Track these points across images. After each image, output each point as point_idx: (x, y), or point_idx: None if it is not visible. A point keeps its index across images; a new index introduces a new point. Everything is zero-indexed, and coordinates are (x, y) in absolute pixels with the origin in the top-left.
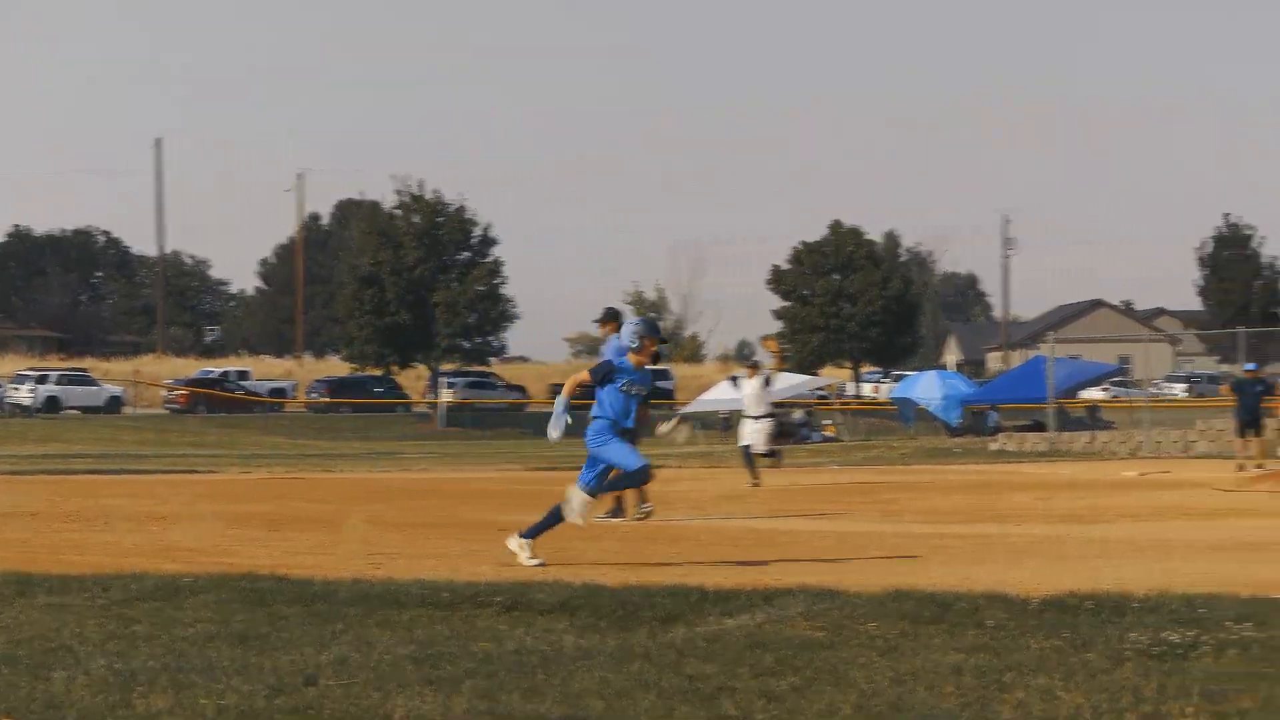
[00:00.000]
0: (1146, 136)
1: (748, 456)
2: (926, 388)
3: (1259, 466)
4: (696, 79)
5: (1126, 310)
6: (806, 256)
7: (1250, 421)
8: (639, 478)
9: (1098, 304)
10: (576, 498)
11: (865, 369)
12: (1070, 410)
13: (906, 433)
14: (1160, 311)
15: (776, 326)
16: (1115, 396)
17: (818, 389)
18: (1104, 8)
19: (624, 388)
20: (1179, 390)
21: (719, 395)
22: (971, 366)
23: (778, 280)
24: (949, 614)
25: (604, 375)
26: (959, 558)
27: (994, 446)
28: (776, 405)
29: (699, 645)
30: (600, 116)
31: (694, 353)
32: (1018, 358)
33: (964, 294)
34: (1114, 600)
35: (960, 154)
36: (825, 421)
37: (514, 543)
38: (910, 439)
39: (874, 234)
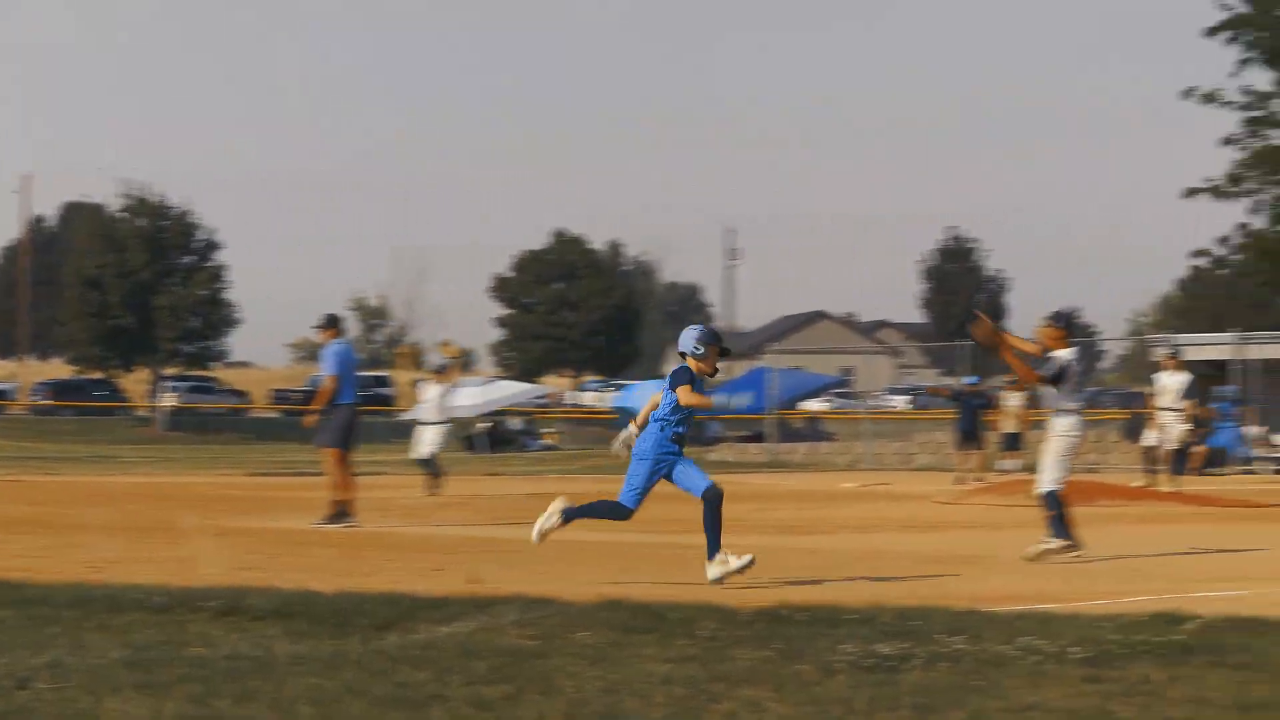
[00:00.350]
0: (871, 149)
1: (427, 463)
2: (647, 397)
3: (978, 480)
4: (415, 85)
5: (849, 322)
6: (529, 264)
7: (970, 434)
8: (618, 513)
9: (820, 315)
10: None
11: (587, 377)
12: (791, 421)
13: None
14: (882, 324)
15: (499, 334)
16: (836, 408)
17: (538, 397)
18: (811, 25)
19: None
20: (900, 402)
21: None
22: None
23: (500, 288)
24: (661, 624)
25: (691, 383)
26: (674, 567)
27: (714, 456)
28: (496, 414)
29: (411, 653)
30: (324, 122)
31: (416, 360)
32: (740, 368)
33: (687, 304)
34: (827, 612)
35: (686, 164)
36: (546, 430)
37: (714, 570)
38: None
39: (597, 243)
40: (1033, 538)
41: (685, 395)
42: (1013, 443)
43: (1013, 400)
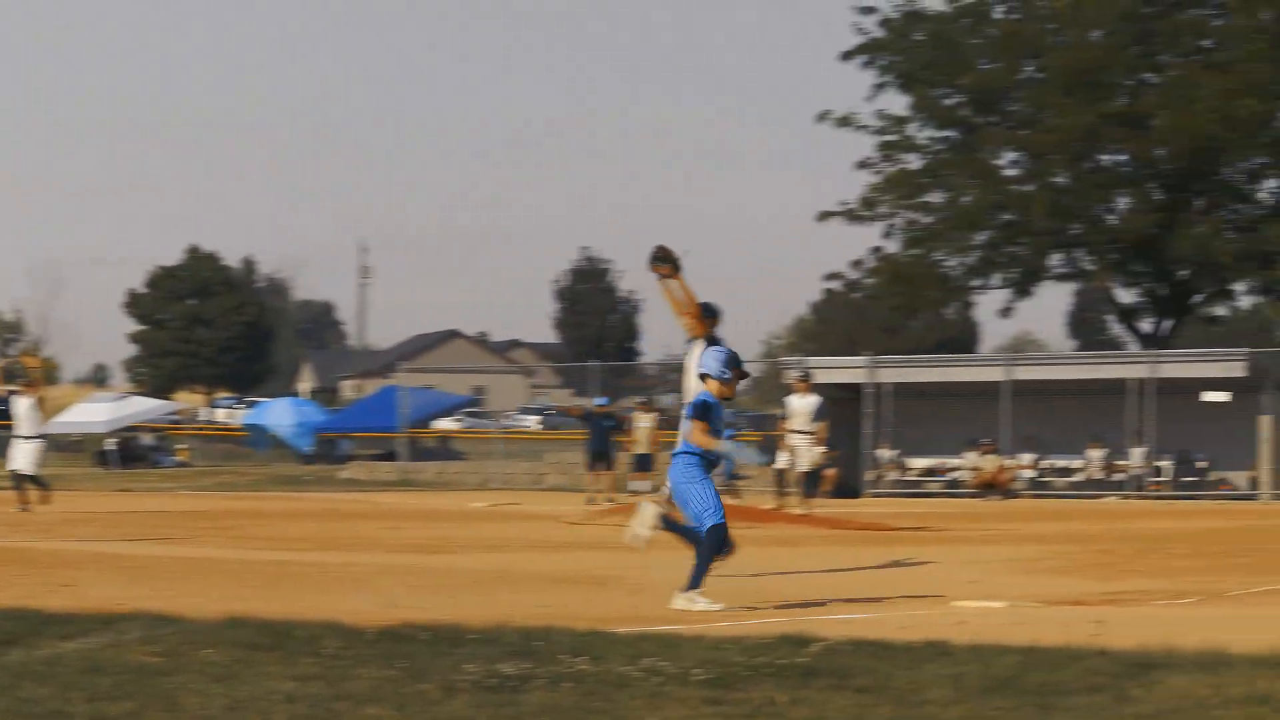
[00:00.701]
0: (508, 168)
1: (23, 478)
2: (279, 414)
3: (609, 500)
4: (51, 93)
5: (482, 341)
6: (163, 281)
7: (600, 455)
8: (716, 538)
9: (453, 334)
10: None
11: (220, 394)
12: (422, 440)
13: (259, 459)
14: (516, 343)
15: (132, 350)
16: (468, 427)
17: (170, 413)
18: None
19: (715, 423)
20: (532, 422)
21: (73, 418)
22: (326, 394)
23: (134, 304)
24: (286, 642)
25: (706, 414)
26: (302, 586)
27: (345, 475)
28: (128, 429)
29: (36, 669)
30: None
31: (50, 376)
32: (373, 386)
33: (320, 321)
34: (451, 631)
35: (319, 181)
36: (178, 446)
37: (681, 600)
38: (262, 466)
39: (231, 260)
40: (667, 557)
41: (699, 436)
42: (644, 464)
43: (644, 421)
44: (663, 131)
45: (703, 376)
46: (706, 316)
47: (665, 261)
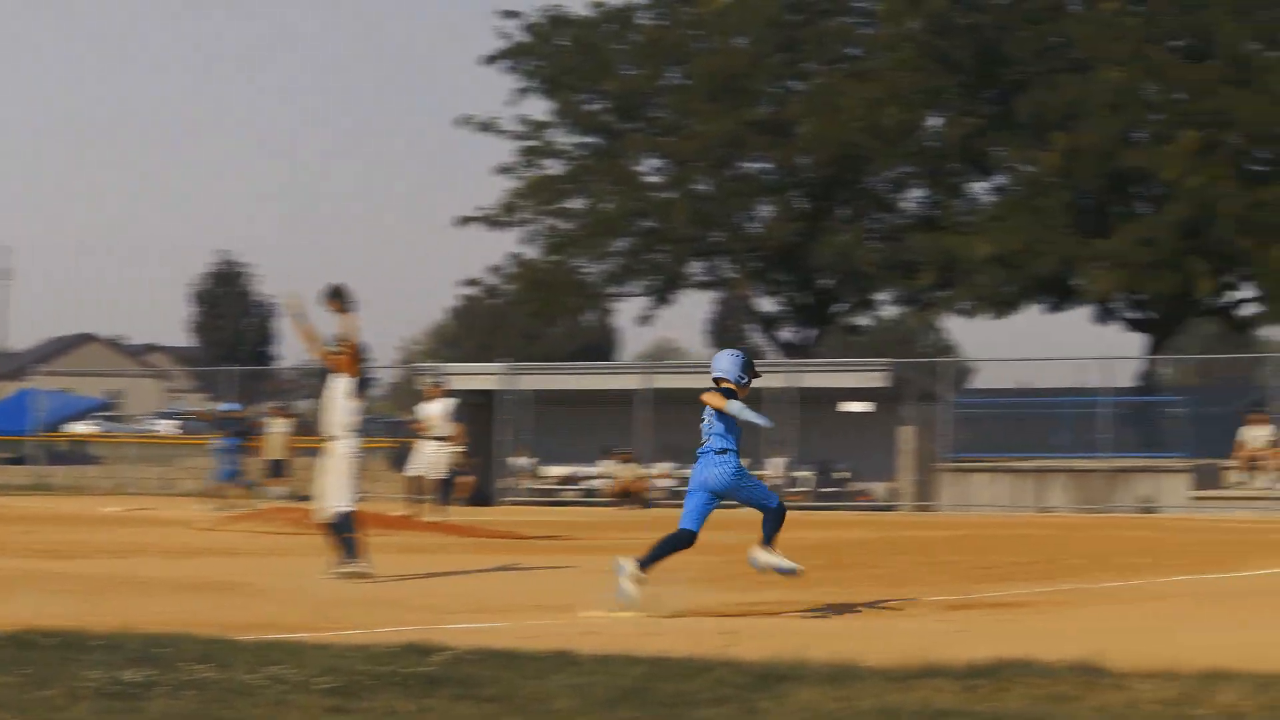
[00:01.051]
0: (140, 170)
1: None
2: None
3: (240, 506)
4: None
5: (117, 345)
6: None
7: None
8: (775, 513)
9: (88, 338)
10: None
11: None
12: (56, 444)
13: None
14: (152, 347)
15: None
16: (103, 431)
17: None
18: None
19: (739, 423)
20: (166, 427)
21: None
22: None
23: None
24: None
25: (732, 395)
26: None
27: None
28: None
29: None
30: None
31: None
32: (8, 389)
33: None
34: (76, 637)
35: None
36: None
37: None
38: None
39: None
40: (297, 564)
41: (712, 397)
42: (278, 469)
43: (278, 427)
44: (301, 132)
45: (717, 381)
46: (360, 359)
47: (338, 298)
